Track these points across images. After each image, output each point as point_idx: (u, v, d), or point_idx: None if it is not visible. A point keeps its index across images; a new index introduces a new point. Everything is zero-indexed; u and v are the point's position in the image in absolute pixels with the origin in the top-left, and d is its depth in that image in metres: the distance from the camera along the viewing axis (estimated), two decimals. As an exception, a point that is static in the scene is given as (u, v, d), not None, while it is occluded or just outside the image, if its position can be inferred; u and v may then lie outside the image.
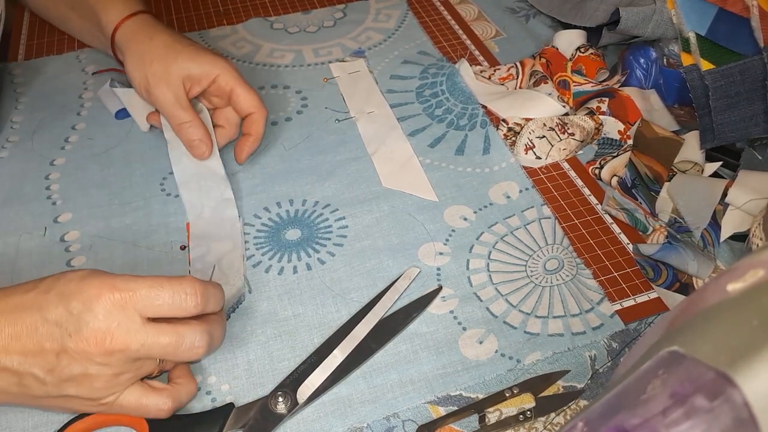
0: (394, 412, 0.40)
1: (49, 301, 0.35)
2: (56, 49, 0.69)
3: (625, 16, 0.57)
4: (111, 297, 0.35)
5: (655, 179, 0.50)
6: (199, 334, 0.37)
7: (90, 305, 0.35)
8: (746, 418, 0.21)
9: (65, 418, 0.39)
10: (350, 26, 0.72)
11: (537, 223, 0.50)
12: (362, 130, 0.59)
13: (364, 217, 0.51)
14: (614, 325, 0.44)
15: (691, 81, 0.53)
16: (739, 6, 0.52)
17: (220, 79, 0.53)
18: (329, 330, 0.44)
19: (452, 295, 0.46)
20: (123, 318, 0.35)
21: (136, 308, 0.35)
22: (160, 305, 0.36)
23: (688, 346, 0.24)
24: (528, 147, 0.55)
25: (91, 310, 0.35)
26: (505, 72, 0.64)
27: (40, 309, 0.35)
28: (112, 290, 0.35)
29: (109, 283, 0.35)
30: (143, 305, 0.36)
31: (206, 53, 0.53)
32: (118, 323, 0.35)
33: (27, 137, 0.59)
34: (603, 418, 0.25)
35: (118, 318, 0.35)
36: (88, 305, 0.35)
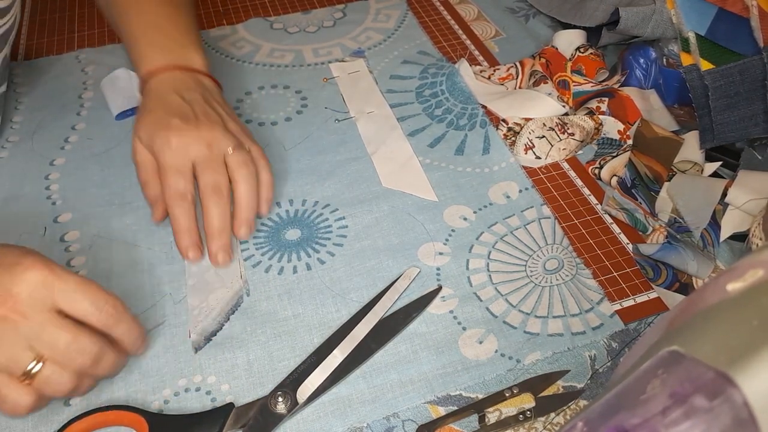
0: (393, 412, 0.40)
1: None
2: (56, 50, 0.69)
3: (625, 16, 0.57)
4: (40, 274, 0.36)
5: (654, 179, 0.50)
6: (93, 345, 0.37)
7: (17, 271, 0.36)
8: (746, 417, 0.21)
9: (65, 418, 0.39)
10: (350, 26, 0.72)
11: (537, 223, 0.50)
12: (362, 130, 0.59)
13: (364, 217, 0.51)
14: (614, 325, 0.44)
15: (691, 81, 0.53)
16: (738, 6, 0.52)
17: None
18: (329, 330, 0.44)
19: (452, 295, 0.46)
20: (37, 295, 0.35)
21: (54, 294, 0.36)
22: (76, 303, 0.37)
23: (688, 345, 0.24)
24: (528, 147, 0.55)
25: (14, 275, 0.35)
26: (505, 72, 0.64)
27: None
28: (45, 269, 0.36)
29: (47, 264, 0.36)
30: (62, 295, 0.36)
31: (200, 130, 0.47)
32: (30, 295, 0.35)
33: (27, 137, 0.59)
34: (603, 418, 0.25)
35: (32, 292, 0.35)
36: (16, 270, 0.36)
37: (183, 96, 0.50)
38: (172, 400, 0.41)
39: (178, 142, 0.46)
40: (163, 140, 0.46)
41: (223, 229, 0.46)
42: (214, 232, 0.46)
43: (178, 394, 0.41)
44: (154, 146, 0.47)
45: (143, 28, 0.55)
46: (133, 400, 0.41)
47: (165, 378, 0.42)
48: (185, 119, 0.47)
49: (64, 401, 0.41)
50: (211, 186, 0.46)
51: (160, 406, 0.40)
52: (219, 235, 0.46)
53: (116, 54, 0.67)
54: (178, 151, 0.46)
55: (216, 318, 0.45)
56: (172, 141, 0.46)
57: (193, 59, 0.54)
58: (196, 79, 0.52)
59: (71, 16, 0.74)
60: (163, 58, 0.52)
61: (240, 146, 0.48)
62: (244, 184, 0.47)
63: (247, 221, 0.47)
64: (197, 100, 0.50)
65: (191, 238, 0.46)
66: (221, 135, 0.47)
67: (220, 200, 0.46)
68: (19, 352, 0.35)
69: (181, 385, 0.42)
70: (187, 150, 0.46)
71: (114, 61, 0.66)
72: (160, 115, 0.48)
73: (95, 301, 0.37)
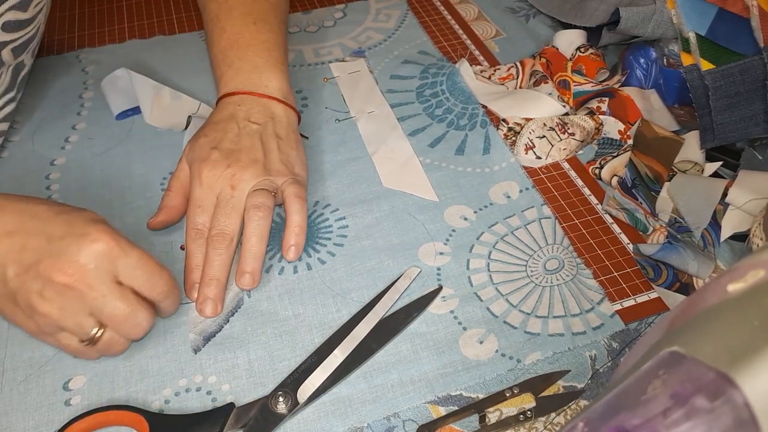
0: (394, 411, 0.40)
1: (55, 221, 0.39)
2: (56, 49, 0.69)
3: (625, 16, 0.57)
4: (104, 245, 0.38)
5: (655, 179, 0.50)
6: (148, 319, 0.41)
7: (82, 243, 0.38)
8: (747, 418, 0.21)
9: (65, 418, 0.39)
10: (350, 26, 0.72)
11: (537, 223, 0.50)
12: (362, 130, 0.59)
13: (365, 217, 0.51)
14: (614, 325, 0.44)
15: (691, 81, 0.53)
16: (739, 6, 0.52)
17: None
18: (329, 330, 0.44)
19: (452, 294, 0.46)
20: (102, 267, 0.38)
21: (117, 266, 0.39)
22: (135, 276, 0.39)
23: (689, 346, 0.24)
24: (528, 147, 0.55)
25: (80, 247, 0.38)
26: (505, 72, 0.64)
27: (43, 221, 0.39)
28: (112, 242, 0.38)
29: (113, 236, 0.39)
30: (124, 267, 0.39)
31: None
32: (95, 266, 0.38)
33: (27, 137, 0.59)
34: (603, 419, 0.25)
35: (97, 264, 0.38)
36: (84, 241, 0.38)
37: (239, 125, 0.49)
38: (173, 400, 0.41)
39: (207, 176, 0.47)
40: (197, 171, 0.47)
41: (214, 279, 0.44)
42: (205, 279, 0.45)
43: (178, 394, 0.41)
44: (191, 174, 0.48)
45: (223, 48, 0.54)
46: (133, 400, 0.41)
47: (165, 378, 0.42)
48: (225, 154, 0.47)
49: (65, 401, 0.41)
50: (217, 231, 0.45)
51: (160, 406, 0.41)
52: (209, 283, 0.44)
53: (116, 54, 0.68)
54: (205, 186, 0.47)
55: (215, 319, 0.45)
56: (203, 174, 0.47)
57: (268, 85, 0.52)
58: (264, 105, 0.51)
59: (71, 16, 0.74)
60: (238, 82, 0.52)
61: (265, 188, 0.47)
62: (249, 229, 0.45)
63: (249, 271, 0.45)
64: (252, 131, 0.49)
65: (198, 277, 0.45)
66: (249, 176, 0.47)
67: (220, 247, 0.45)
68: (84, 320, 0.39)
69: (181, 385, 0.42)
70: (212, 186, 0.47)
71: (114, 61, 0.66)
72: (208, 142, 0.48)
73: (151, 277, 0.40)
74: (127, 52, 0.68)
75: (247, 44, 0.54)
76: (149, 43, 0.69)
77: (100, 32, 0.72)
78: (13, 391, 0.41)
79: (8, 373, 0.42)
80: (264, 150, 0.49)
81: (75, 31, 0.72)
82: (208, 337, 0.44)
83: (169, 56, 0.67)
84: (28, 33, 0.52)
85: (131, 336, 0.41)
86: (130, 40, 0.70)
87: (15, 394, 0.41)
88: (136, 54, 0.67)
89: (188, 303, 0.46)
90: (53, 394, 0.41)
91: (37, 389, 0.41)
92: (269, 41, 0.55)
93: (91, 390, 0.41)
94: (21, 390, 0.41)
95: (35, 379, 0.42)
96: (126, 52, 0.68)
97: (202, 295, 0.44)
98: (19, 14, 0.50)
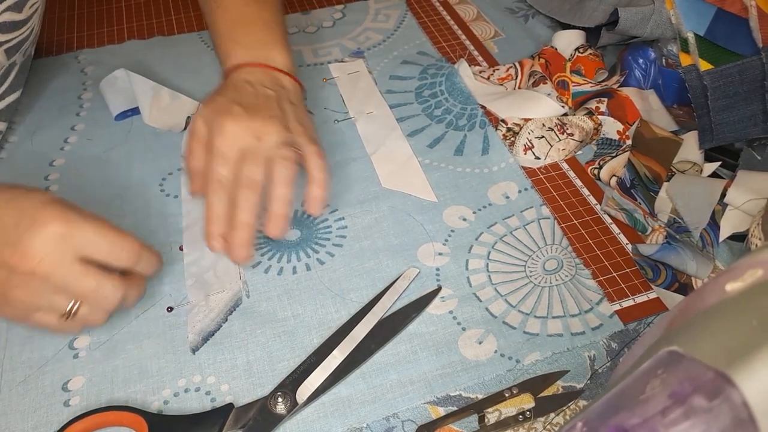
0: (393, 412, 0.40)
1: (6, 209, 0.39)
2: (55, 50, 0.69)
3: (624, 17, 0.57)
4: (58, 229, 0.38)
5: (654, 179, 0.50)
6: (116, 289, 0.40)
7: (36, 228, 0.38)
8: (745, 417, 0.21)
9: (65, 418, 0.39)
10: (349, 27, 0.72)
11: (536, 224, 0.50)
12: (361, 131, 0.59)
13: (364, 218, 0.51)
14: (613, 326, 0.44)
15: (690, 81, 0.53)
16: (737, 6, 0.52)
17: None
18: (329, 330, 0.44)
19: (451, 295, 0.46)
20: (59, 250, 0.38)
21: (74, 246, 0.39)
22: (95, 250, 0.39)
23: (687, 346, 0.24)
24: (527, 147, 0.55)
25: (34, 233, 0.38)
26: (504, 72, 0.64)
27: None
28: (62, 223, 0.38)
29: (63, 217, 0.39)
30: (82, 245, 0.39)
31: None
32: (52, 251, 0.38)
33: (26, 138, 0.59)
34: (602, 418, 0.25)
35: (54, 248, 0.38)
36: (35, 228, 0.38)
37: (255, 88, 0.50)
38: (172, 401, 0.41)
39: (231, 128, 0.46)
40: (219, 124, 0.47)
41: (245, 224, 0.45)
42: (237, 224, 0.45)
43: (177, 395, 0.41)
44: (212, 128, 0.47)
45: (228, 25, 0.56)
46: (132, 401, 0.41)
47: (165, 378, 0.42)
48: (246, 108, 0.48)
49: (64, 401, 0.41)
50: (246, 179, 0.45)
51: (159, 406, 0.41)
52: (241, 227, 0.45)
53: (116, 54, 0.68)
54: (229, 137, 0.46)
55: (214, 319, 0.45)
56: (226, 126, 0.46)
57: (275, 58, 0.54)
58: (274, 77, 0.53)
59: (71, 16, 0.74)
60: (245, 56, 0.53)
61: (289, 143, 0.47)
62: (276, 177, 0.46)
63: (278, 216, 0.46)
64: (267, 94, 0.50)
65: (218, 228, 0.46)
66: (274, 129, 0.47)
67: (251, 195, 0.45)
68: (55, 298, 0.39)
69: (180, 385, 0.42)
70: (236, 138, 0.46)
71: (114, 62, 0.66)
72: (226, 100, 0.49)
73: (113, 246, 0.40)
74: (127, 53, 0.68)
75: (252, 22, 0.55)
76: (148, 43, 0.69)
77: (99, 33, 0.72)
78: (12, 392, 0.41)
79: (7, 374, 0.42)
80: (281, 111, 0.49)
81: (74, 31, 0.72)
82: (206, 337, 0.44)
83: (168, 56, 0.67)
84: (22, 34, 0.52)
85: (105, 308, 0.41)
86: (129, 41, 0.70)
87: (14, 395, 0.41)
88: (135, 54, 0.67)
89: (185, 305, 0.46)
90: (52, 395, 0.41)
91: (36, 390, 0.41)
92: (271, 20, 0.56)
93: (90, 391, 0.41)
94: (20, 391, 0.41)
95: (34, 380, 0.42)
96: (125, 52, 0.68)
97: (237, 239, 0.45)
98: (14, 15, 0.50)
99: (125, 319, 0.45)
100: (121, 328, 0.45)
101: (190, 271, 0.48)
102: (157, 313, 0.45)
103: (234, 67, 0.53)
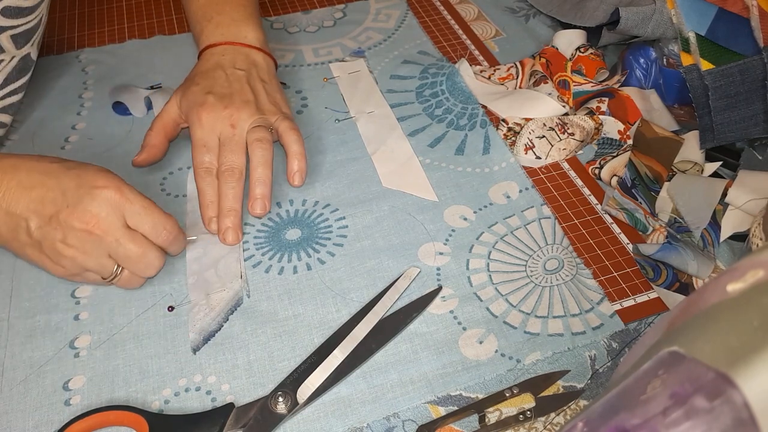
0: (394, 412, 0.40)
1: (68, 175, 0.43)
2: (56, 49, 0.69)
3: (625, 16, 0.57)
4: (112, 194, 0.43)
5: (654, 179, 0.50)
6: (158, 259, 0.45)
7: (93, 191, 0.42)
8: (746, 418, 0.21)
9: (65, 418, 0.39)
10: (350, 26, 0.72)
11: (537, 223, 0.50)
12: (362, 130, 0.59)
13: (364, 217, 0.51)
14: (614, 325, 0.44)
15: (691, 81, 0.53)
16: (738, 6, 0.52)
17: None
18: (329, 330, 0.44)
19: (452, 295, 0.46)
20: (112, 213, 0.42)
21: (124, 213, 0.43)
22: (140, 223, 0.44)
23: (688, 346, 0.24)
24: (528, 147, 0.55)
25: (92, 196, 0.42)
26: (505, 72, 0.64)
27: (57, 177, 0.43)
28: (116, 190, 0.43)
29: (117, 185, 0.43)
30: (130, 215, 0.43)
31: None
32: (107, 214, 0.42)
33: (27, 137, 0.59)
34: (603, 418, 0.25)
35: (108, 211, 0.42)
36: (93, 191, 0.42)
37: (226, 72, 0.54)
38: (173, 400, 0.41)
39: (207, 118, 0.50)
40: (196, 116, 0.51)
41: (232, 210, 0.49)
42: (224, 211, 0.49)
43: (178, 394, 0.41)
44: (189, 119, 0.52)
45: (201, 4, 0.59)
46: (133, 400, 0.41)
47: (165, 378, 0.42)
48: (219, 97, 0.51)
49: (64, 401, 0.41)
50: (226, 167, 0.49)
51: (160, 406, 0.41)
52: (227, 213, 0.49)
53: (116, 54, 0.68)
54: (206, 128, 0.50)
55: (215, 318, 0.45)
56: (202, 117, 0.50)
57: (247, 34, 0.57)
58: (246, 54, 0.56)
59: (71, 16, 0.74)
60: (217, 35, 0.57)
61: (262, 124, 0.51)
62: (255, 160, 0.50)
63: (259, 196, 0.50)
64: (238, 77, 0.54)
65: (215, 211, 0.49)
66: (246, 115, 0.51)
67: (232, 180, 0.49)
68: (105, 261, 0.43)
69: (181, 385, 0.42)
70: (213, 127, 0.50)
71: (114, 61, 0.66)
72: (200, 89, 0.52)
73: (155, 224, 0.44)
74: (127, 52, 0.68)
75: (223, 1, 0.59)
76: (149, 43, 0.69)
77: (100, 32, 0.72)
78: (13, 391, 0.41)
79: (8, 372, 0.42)
80: (253, 92, 0.53)
81: (75, 31, 0.72)
82: (207, 337, 0.44)
83: (169, 56, 0.67)
84: (30, 22, 0.53)
85: (146, 274, 0.45)
86: (130, 40, 0.70)
87: (15, 394, 0.41)
88: (136, 54, 0.67)
89: (186, 304, 0.46)
90: (53, 394, 0.41)
91: (37, 389, 0.41)
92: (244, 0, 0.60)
93: (91, 390, 0.41)
94: (21, 390, 0.41)
95: (35, 379, 0.42)
96: (126, 52, 0.68)
97: (223, 225, 0.49)
98: (20, 1, 0.50)
99: (126, 318, 0.45)
100: (122, 327, 0.45)
101: (192, 268, 0.48)
102: (158, 313, 0.45)
103: (207, 46, 0.56)
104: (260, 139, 0.50)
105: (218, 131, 0.50)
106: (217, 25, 0.57)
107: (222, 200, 0.49)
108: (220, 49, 0.56)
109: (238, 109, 0.51)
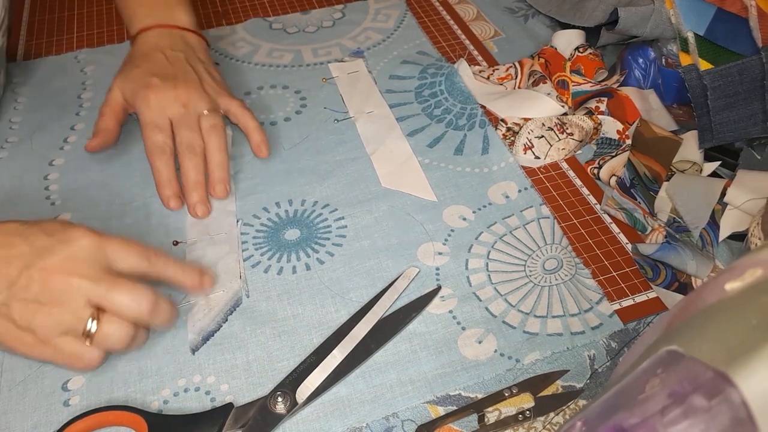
0: (393, 411, 0.40)
1: (31, 230, 0.39)
2: (55, 50, 0.69)
3: (624, 16, 0.57)
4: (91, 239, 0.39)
5: (653, 179, 0.50)
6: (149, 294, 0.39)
7: (67, 241, 0.38)
8: (744, 417, 0.21)
9: (65, 418, 0.39)
10: (349, 26, 0.72)
11: (536, 223, 0.50)
12: (361, 130, 0.59)
13: (363, 217, 0.51)
14: (613, 325, 0.44)
15: (690, 81, 0.53)
16: (737, 6, 0.52)
17: None
18: (328, 330, 0.44)
19: (451, 294, 0.46)
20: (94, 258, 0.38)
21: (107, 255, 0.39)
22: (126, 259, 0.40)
23: (687, 345, 0.24)
24: (527, 147, 0.55)
25: (66, 245, 0.38)
26: (504, 72, 0.64)
27: (19, 234, 0.39)
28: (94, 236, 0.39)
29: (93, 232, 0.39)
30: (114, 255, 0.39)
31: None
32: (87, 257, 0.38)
33: (26, 138, 0.59)
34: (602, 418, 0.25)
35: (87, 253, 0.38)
36: (71, 243, 0.38)
37: (165, 54, 0.54)
38: (172, 400, 0.41)
39: (156, 100, 0.51)
40: (143, 98, 0.51)
41: (198, 183, 0.50)
42: (190, 186, 0.50)
43: (177, 394, 0.41)
44: (135, 102, 0.52)
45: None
46: (132, 400, 0.41)
47: (164, 378, 0.42)
48: (164, 78, 0.52)
49: (63, 401, 0.41)
50: (186, 144, 0.50)
51: (159, 406, 0.41)
52: (195, 187, 0.50)
53: (115, 54, 0.67)
54: (156, 108, 0.51)
55: (214, 318, 0.45)
56: (151, 99, 0.51)
57: (180, 17, 0.58)
58: (181, 36, 0.57)
59: (70, 16, 0.74)
60: (151, 18, 0.57)
61: (214, 108, 0.53)
62: (212, 145, 0.51)
63: (219, 180, 0.51)
64: (178, 58, 0.54)
65: (172, 189, 0.51)
66: (197, 96, 0.52)
67: (194, 156, 0.50)
68: (81, 310, 0.37)
69: (180, 385, 0.42)
70: (164, 108, 0.51)
71: (113, 61, 0.66)
72: (143, 72, 0.53)
73: (140, 254, 0.40)
74: (126, 53, 0.68)
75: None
76: (148, 43, 0.69)
77: (98, 33, 0.72)
78: (12, 392, 0.41)
79: (7, 373, 0.42)
80: (196, 73, 0.54)
81: (74, 31, 0.72)
82: (206, 337, 0.44)
83: (167, 57, 0.67)
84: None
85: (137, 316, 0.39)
86: (128, 41, 0.70)
87: (14, 395, 0.41)
88: (134, 54, 0.67)
89: (185, 304, 0.46)
90: (52, 395, 0.41)
91: (36, 389, 0.41)
92: None
93: (90, 390, 0.41)
94: (20, 390, 0.41)
95: (34, 380, 0.42)
96: (124, 52, 0.68)
97: (191, 200, 0.50)
98: None
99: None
100: (121, 327, 0.45)
101: (190, 270, 0.48)
102: (157, 313, 0.45)
103: (140, 30, 0.56)
104: (214, 125, 0.51)
105: (168, 112, 0.51)
106: (148, 7, 0.57)
107: (186, 176, 0.50)
108: (155, 32, 0.56)
109: (186, 90, 0.52)
